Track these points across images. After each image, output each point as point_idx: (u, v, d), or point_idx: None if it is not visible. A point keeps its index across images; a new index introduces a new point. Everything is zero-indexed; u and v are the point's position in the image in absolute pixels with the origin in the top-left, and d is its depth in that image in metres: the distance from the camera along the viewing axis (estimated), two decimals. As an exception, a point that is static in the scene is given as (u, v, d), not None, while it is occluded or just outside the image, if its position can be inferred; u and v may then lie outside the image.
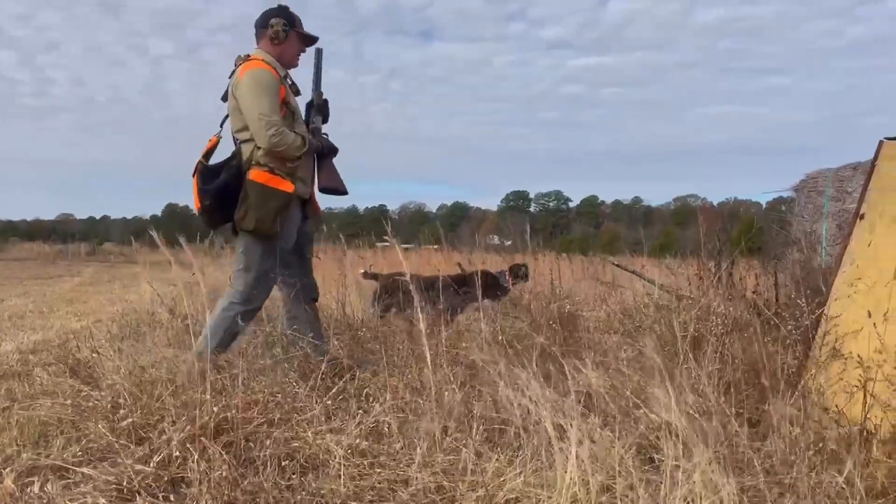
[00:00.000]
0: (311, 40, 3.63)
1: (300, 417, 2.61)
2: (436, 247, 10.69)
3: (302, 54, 3.64)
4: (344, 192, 3.61)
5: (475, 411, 2.53)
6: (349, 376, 3.17)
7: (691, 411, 2.38)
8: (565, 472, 1.74)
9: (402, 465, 2.23)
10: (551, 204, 79.63)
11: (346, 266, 6.74)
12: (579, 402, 2.47)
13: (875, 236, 2.90)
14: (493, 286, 5.28)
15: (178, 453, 2.30)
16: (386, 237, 3.43)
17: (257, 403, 2.74)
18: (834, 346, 2.82)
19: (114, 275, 17.07)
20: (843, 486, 1.96)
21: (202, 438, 2.33)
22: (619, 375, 2.70)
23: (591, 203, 78.74)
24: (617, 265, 7.19)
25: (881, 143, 3.06)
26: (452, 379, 2.79)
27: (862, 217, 3.03)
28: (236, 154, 3.38)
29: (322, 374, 3.02)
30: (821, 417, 2.51)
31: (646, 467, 2.07)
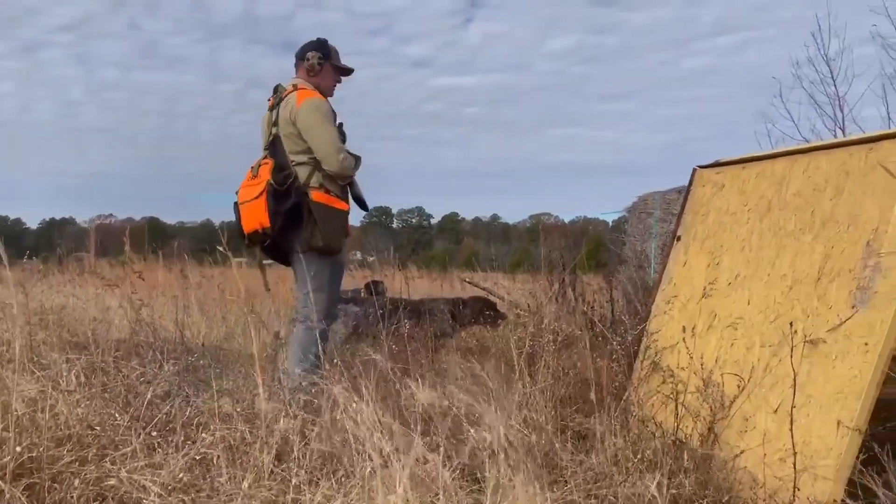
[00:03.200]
0: (347, 72, 3.89)
1: (117, 453, 2.42)
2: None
3: (338, 84, 3.89)
4: (367, 207, 3.90)
5: (310, 438, 2.46)
6: (177, 404, 2.99)
7: (520, 428, 2.45)
8: (386, 498, 1.72)
9: (224, 500, 2.12)
10: (413, 220, 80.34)
11: (191, 284, 6.42)
12: (414, 424, 2.47)
13: (689, 256, 3.14)
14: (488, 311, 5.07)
15: (-31, 500, 2.06)
16: (221, 248, 3.29)
17: (70, 439, 2.52)
18: (654, 360, 3.02)
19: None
20: (655, 494, 2.08)
21: (-1, 482, 2.10)
22: (455, 395, 2.73)
23: (452, 220, 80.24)
24: (469, 282, 7.32)
25: (695, 170, 3.33)
26: (288, 405, 2.70)
27: (678, 238, 3.27)
28: (295, 177, 3.55)
29: (147, 402, 2.83)
30: (640, 429, 2.66)
31: (473, 487, 2.09)
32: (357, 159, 3.72)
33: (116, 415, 2.74)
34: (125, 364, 3.22)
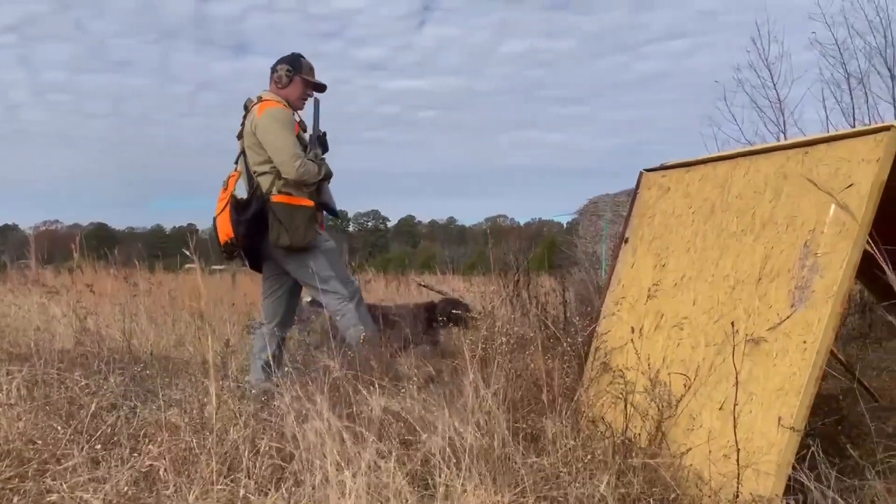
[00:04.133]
0: (319, 87, 3.96)
1: (59, 467, 2.35)
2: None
3: (309, 98, 3.94)
4: (335, 214, 4.00)
5: (261, 446, 2.43)
6: (123, 416, 2.92)
7: (472, 431, 2.46)
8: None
9: (170, 513, 2.08)
10: (370, 223, 79.98)
11: (139, 291, 6.28)
12: (367, 430, 2.46)
13: (637, 258, 3.19)
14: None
15: None
16: (188, 253, 3.24)
17: (10, 454, 2.44)
18: (604, 361, 3.06)
19: None
20: (604, 494, 2.11)
21: (-69, 502, 2.02)
22: (409, 401, 2.72)
23: (408, 223, 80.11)
24: (423, 285, 7.32)
25: (641, 173, 3.39)
26: (238, 414, 2.66)
27: (626, 241, 3.32)
28: (257, 186, 3.69)
29: (91, 414, 2.76)
30: (590, 429, 2.69)
31: (424, 492, 2.09)
32: (320, 166, 3.79)
33: (59, 428, 2.67)
34: (69, 375, 3.13)
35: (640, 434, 2.59)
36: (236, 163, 3.84)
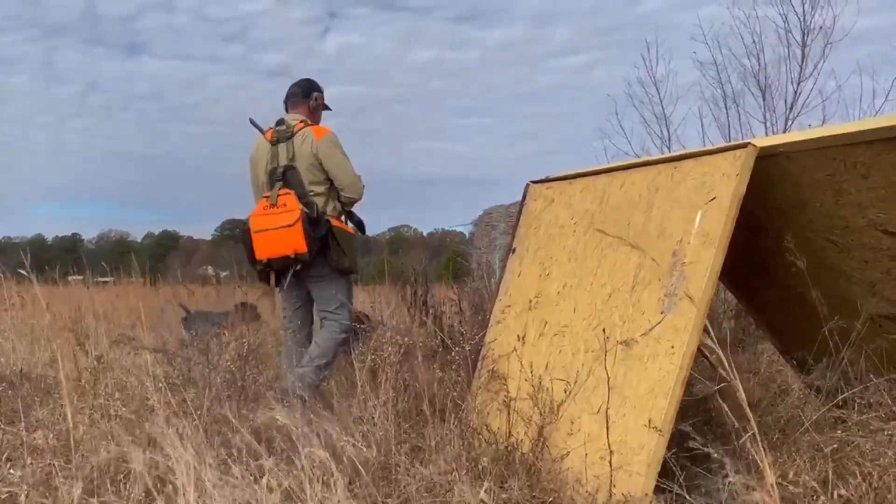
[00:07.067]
0: (327, 108, 4.35)
1: None
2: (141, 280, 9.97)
3: None
4: (364, 231, 4.26)
5: (132, 467, 2.31)
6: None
7: (356, 443, 2.44)
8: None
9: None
10: (271, 233, 77.93)
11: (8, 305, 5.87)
12: (238, 450, 2.40)
13: (523, 268, 3.27)
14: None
15: None
16: (23, 272, 3.01)
17: None
18: (491, 369, 3.10)
19: None
20: (484, 499, 2.13)
21: None
22: (291, 415, 2.67)
23: (310, 232, 78.71)
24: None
25: (527, 185, 3.47)
26: (110, 435, 2.53)
27: (514, 251, 3.40)
28: (314, 204, 3.85)
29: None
30: (475, 437, 2.72)
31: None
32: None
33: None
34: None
35: (522, 440, 2.64)
36: (279, 181, 3.90)
